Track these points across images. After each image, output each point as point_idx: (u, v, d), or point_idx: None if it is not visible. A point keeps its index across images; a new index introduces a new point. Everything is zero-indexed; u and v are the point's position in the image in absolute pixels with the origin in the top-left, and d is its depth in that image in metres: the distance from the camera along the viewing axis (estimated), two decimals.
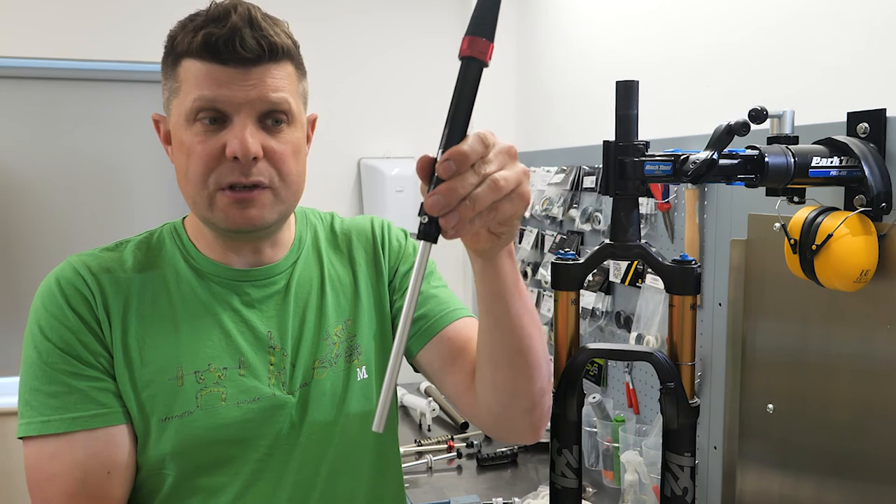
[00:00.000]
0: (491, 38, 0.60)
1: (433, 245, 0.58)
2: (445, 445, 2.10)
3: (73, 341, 0.84)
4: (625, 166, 0.79)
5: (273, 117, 0.85)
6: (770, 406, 1.23)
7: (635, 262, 1.79)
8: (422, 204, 0.58)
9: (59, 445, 0.83)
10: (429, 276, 1.03)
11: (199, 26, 0.82)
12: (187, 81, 0.83)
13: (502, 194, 0.61)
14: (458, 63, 0.60)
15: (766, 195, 1.11)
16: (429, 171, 0.59)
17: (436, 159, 0.59)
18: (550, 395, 0.88)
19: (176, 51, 0.85)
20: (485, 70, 0.61)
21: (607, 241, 0.79)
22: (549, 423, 0.88)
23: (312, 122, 0.97)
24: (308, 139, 0.96)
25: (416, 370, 1.03)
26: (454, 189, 0.58)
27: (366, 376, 0.97)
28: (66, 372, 0.84)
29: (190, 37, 0.82)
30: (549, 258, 2.26)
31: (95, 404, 0.84)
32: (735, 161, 0.90)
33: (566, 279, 0.80)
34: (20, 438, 0.84)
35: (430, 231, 0.57)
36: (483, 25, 0.59)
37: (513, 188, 0.62)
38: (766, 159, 0.91)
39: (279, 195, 0.87)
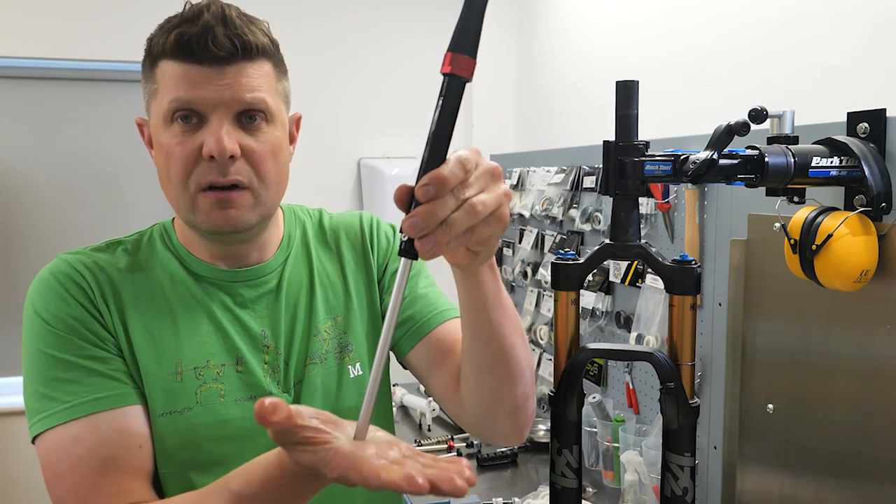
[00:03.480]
0: (473, 54, 0.59)
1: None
2: (445, 445, 2.10)
3: (79, 328, 0.84)
4: (625, 166, 0.79)
5: (249, 115, 0.85)
6: (770, 406, 1.23)
7: (635, 262, 1.79)
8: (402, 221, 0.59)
9: (81, 429, 0.80)
10: (417, 276, 1.03)
11: (173, 27, 0.83)
12: (164, 83, 0.84)
13: (479, 218, 0.61)
14: None
15: (766, 195, 1.11)
16: (406, 200, 0.59)
17: (414, 186, 0.59)
18: (534, 400, 0.90)
19: (152, 53, 0.85)
20: (485, 70, 0.61)
21: (607, 241, 0.79)
22: (531, 426, 0.91)
23: (297, 122, 0.97)
24: (293, 139, 0.96)
25: (404, 368, 1.04)
26: (432, 212, 0.58)
27: (360, 373, 0.98)
28: (82, 356, 0.83)
29: (164, 38, 0.83)
30: (549, 258, 2.26)
31: (117, 383, 0.84)
32: (735, 161, 0.90)
33: (566, 279, 0.80)
34: (35, 438, 0.82)
35: (410, 248, 0.59)
36: (465, 41, 0.59)
37: (491, 211, 0.62)
38: (766, 159, 0.91)
39: (258, 196, 0.87)
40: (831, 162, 0.97)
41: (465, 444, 2.11)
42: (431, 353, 0.98)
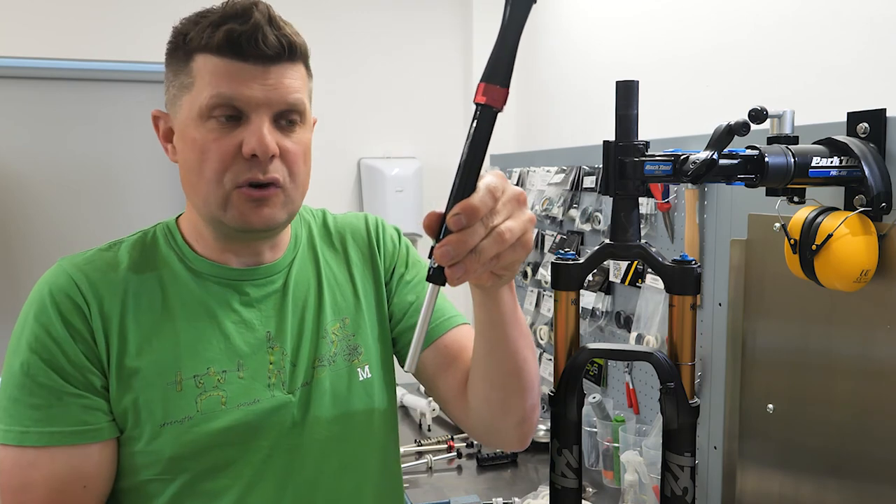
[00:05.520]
0: (506, 84, 0.60)
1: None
2: (445, 445, 2.10)
3: (58, 355, 0.83)
4: (625, 166, 0.79)
5: (287, 117, 0.86)
6: (770, 406, 1.23)
7: (635, 262, 1.79)
8: (432, 248, 0.60)
9: (38, 456, 0.82)
10: (423, 282, 1.03)
11: (218, 22, 0.82)
12: (202, 77, 0.83)
13: (507, 246, 0.62)
14: (459, 64, 0.60)
15: (766, 195, 1.11)
16: (437, 228, 0.60)
17: (444, 213, 0.60)
18: (539, 409, 0.92)
19: (189, 46, 0.84)
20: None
21: (607, 241, 0.79)
22: (534, 433, 0.94)
23: (311, 126, 0.97)
24: None
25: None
26: (463, 241, 0.59)
27: (369, 375, 0.98)
28: (49, 387, 0.82)
29: (208, 32, 0.82)
30: (549, 258, 2.26)
31: (77, 421, 0.83)
32: (735, 161, 0.90)
33: (566, 279, 0.80)
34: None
35: (439, 275, 0.60)
36: (498, 72, 0.60)
37: (517, 238, 0.64)
38: (766, 159, 0.91)
39: (289, 195, 0.87)
40: (831, 162, 0.97)
41: (465, 444, 2.11)
42: (439, 359, 0.98)
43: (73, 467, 0.83)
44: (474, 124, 0.60)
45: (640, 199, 0.89)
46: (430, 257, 0.60)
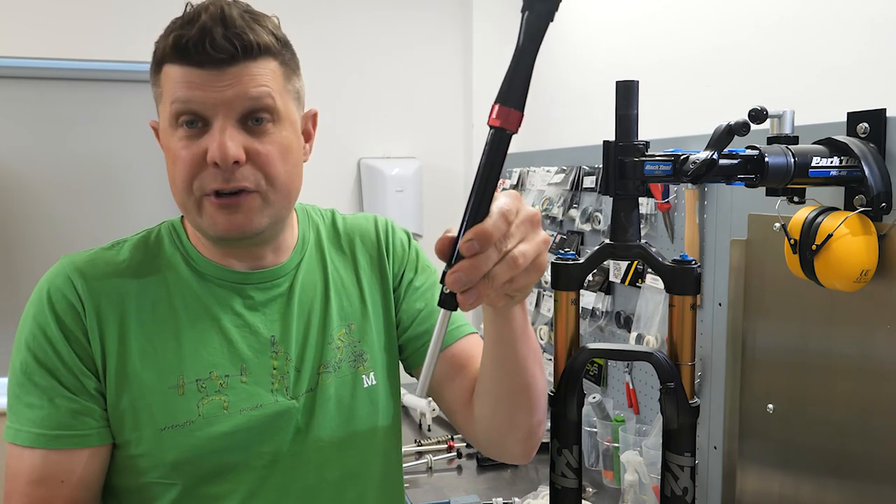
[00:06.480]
0: (521, 108, 0.59)
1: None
2: (445, 445, 2.10)
3: (52, 356, 0.83)
4: (625, 166, 0.79)
5: (255, 116, 0.82)
6: (770, 406, 1.23)
7: (635, 262, 1.79)
8: (444, 272, 0.59)
9: (27, 452, 0.84)
10: (432, 288, 1.02)
11: (171, 30, 0.82)
12: (167, 86, 0.82)
13: (520, 270, 0.61)
14: (459, 64, 0.60)
15: (766, 195, 1.11)
16: (449, 252, 0.59)
17: (457, 238, 0.59)
18: (545, 424, 0.91)
19: (156, 57, 0.84)
20: (486, 70, 0.60)
21: (607, 241, 0.79)
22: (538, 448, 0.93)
23: (313, 118, 0.95)
24: (309, 136, 0.94)
25: (411, 376, 1.03)
26: (475, 267, 0.58)
27: (374, 382, 0.96)
28: (42, 387, 0.83)
29: (165, 41, 0.82)
30: (549, 258, 2.26)
31: (64, 426, 0.83)
32: (735, 161, 0.90)
33: (566, 279, 0.80)
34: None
35: (451, 301, 0.59)
36: (514, 94, 0.59)
37: (531, 261, 0.63)
38: (766, 159, 0.91)
39: (268, 199, 0.84)
40: (831, 162, 0.97)
41: (465, 444, 2.11)
42: (445, 368, 0.96)
43: (53, 462, 0.84)
44: (488, 147, 0.59)
45: (640, 199, 0.89)
46: (441, 282, 0.59)
